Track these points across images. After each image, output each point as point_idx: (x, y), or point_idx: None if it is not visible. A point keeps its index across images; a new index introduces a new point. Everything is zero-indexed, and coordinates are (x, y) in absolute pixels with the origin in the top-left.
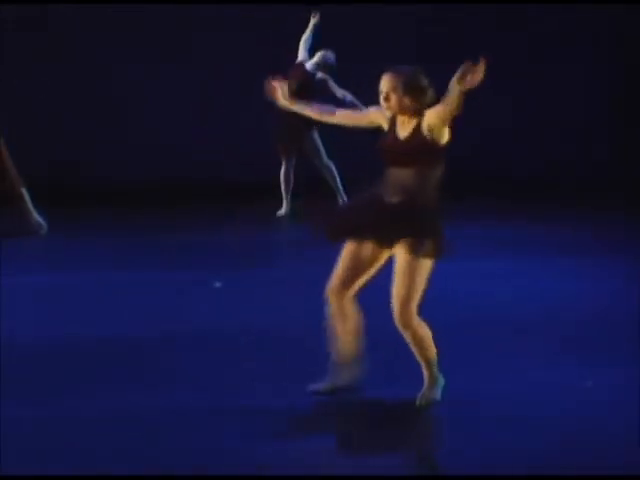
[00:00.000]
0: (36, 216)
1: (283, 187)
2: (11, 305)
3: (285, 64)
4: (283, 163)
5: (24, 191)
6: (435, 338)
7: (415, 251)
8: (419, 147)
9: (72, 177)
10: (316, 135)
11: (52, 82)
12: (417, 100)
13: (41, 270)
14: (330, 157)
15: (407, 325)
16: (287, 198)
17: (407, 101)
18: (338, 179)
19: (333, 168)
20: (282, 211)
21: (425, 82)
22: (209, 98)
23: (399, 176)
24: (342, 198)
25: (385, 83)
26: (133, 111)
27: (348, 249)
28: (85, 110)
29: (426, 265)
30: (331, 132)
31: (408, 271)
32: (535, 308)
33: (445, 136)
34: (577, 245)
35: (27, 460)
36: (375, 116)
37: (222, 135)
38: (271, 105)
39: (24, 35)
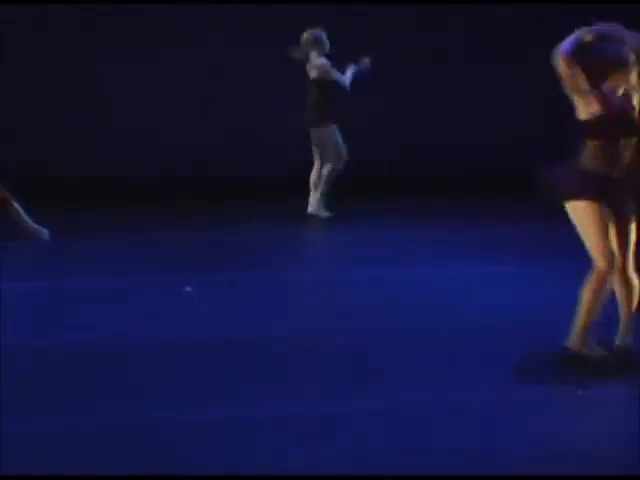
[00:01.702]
0: (33, 225)
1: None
2: (10, 309)
3: (285, 64)
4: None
5: (16, 205)
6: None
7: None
8: None
9: (71, 177)
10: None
11: (52, 82)
12: None
13: (40, 273)
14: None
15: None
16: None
17: None
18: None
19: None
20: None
21: None
22: (209, 98)
23: None
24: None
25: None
26: (133, 111)
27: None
28: (85, 110)
29: None
30: None
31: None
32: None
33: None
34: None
35: (27, 460)
36: None
37: (222, 134)
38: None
39: (24, 35)
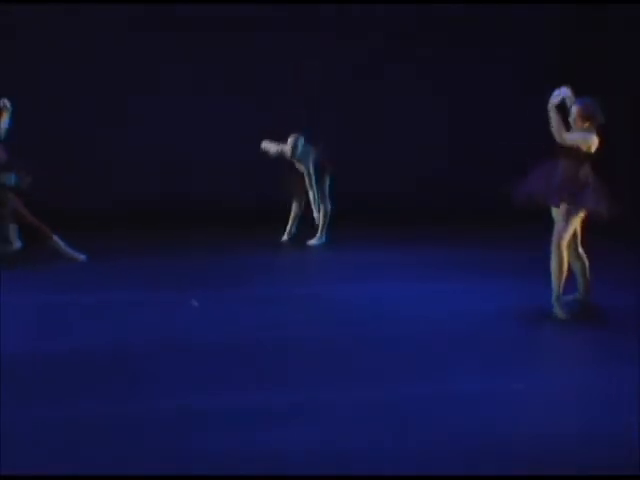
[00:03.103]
0: (71, 251)
1: (291, 220)
2: (15, 320)
3: (277, 87)
4: (294, 202)
5: (55, 237)
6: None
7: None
8: None
9: (72, 197)
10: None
11: (45, 96)
12: None
13: (43, 289)
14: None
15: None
16: (291, 228)
17: None
18: (327, 221)
19: (329, 210)
20: (285, 237)
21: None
22: (206, 118)
23: None
24: (321, 237)
25: None
26: (135, 133)
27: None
28: (85, 127)
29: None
30: None
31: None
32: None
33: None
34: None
35: (26, 460)
36: None
37: (219, 161)
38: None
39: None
